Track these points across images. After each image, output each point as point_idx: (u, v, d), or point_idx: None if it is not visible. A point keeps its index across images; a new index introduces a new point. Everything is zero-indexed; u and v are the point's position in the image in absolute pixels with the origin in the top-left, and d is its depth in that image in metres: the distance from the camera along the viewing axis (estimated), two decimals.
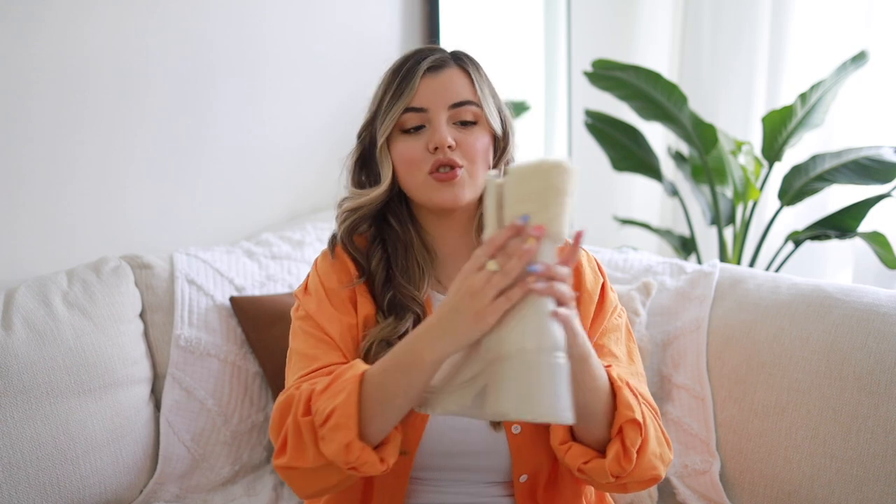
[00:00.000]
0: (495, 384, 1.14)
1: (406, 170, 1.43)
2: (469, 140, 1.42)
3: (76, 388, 1.77)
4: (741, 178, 2.61)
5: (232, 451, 1.99)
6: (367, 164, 1.49)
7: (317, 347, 1.39)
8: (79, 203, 2.10)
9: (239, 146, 2.40)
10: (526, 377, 1.11)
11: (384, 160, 1.44)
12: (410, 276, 1.45)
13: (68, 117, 2.05)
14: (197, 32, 2.27)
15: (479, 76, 1.47)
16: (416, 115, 1.42)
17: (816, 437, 1.75)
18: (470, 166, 1.42)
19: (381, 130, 1.44)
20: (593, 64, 2.66)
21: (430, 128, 1.42)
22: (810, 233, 2.46)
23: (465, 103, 1.43)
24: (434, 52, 1.46)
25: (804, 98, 2.43)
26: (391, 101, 1.43)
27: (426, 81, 1.43)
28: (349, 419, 1.20)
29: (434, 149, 1.40)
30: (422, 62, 1.43)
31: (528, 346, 1.12)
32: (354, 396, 1.21)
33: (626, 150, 2.79)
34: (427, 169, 1.41)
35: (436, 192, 1.41)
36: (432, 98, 1.42)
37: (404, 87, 1.42)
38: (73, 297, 1.86)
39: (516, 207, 1.15)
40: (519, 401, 1.10)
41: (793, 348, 1.81)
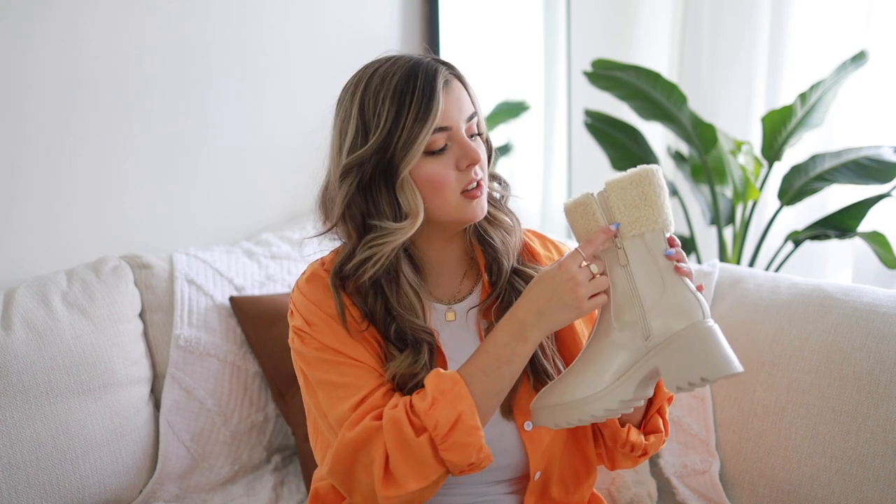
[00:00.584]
0: (673, 361, 1.29)
1: (435, 193, 1.35)
2: (482, 153, 1.38)
3: (76, 388, 1.77)
4: (741, 178, 2.61)
5: (231, 450, 1.99)
6: (371, 194, 1.36)
7: (350, 375, 1.35)
8: (78, 203, 2.10)
9: (238, 146, 2.40)
10: (708, 343, 1.27)
11: (408, 189, 1.34)
12: (409, 304, 1.39)
13: (68, 118, 2.05)
14: (196, 33, 2.27)
15: (469, 84, 1.41)
16: (443, 133, 1.34)
17: (816, 436, 1.75)
18: (485, 178, 1.40)
19: (408, 157, 1.31)
20: (593, 64, 2.66)
21: (455, 145, 1.35)
22: (810, 233, 2.46)
23: (474, 115, 1.38)
24: (433, 62, 1.37)
25: (804, 98, 2.43)
26: (417, 124, 1.31)
27: (445, 97, 1.33)
28: (475, 420, 1.28)
29: (467, 166, 1.35)
30: (436, 76, 1.33)
31: (696, 318, 1.29)
32: (471, 399, 1.28)
33: (625, 150, 2.78)
34: (459, 188, 1.35)
35: (467, 209, 1.36)
36: (453, 114, 1.34)
37: (431, 106, 1.31)
38: (72, 297, 1.86)
39: (628, 213, 1.31)
40: (708, 364, 1.26)
41: (792, 348, 1.81)
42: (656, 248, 1.32)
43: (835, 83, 2.44)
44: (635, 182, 1.31)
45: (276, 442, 2.08)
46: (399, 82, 1.33)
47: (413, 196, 1.34)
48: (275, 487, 1.97)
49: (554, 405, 1.32)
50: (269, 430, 2.06)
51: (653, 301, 1.31)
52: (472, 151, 1.34)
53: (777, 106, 2.59)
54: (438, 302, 1.47)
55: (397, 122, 1.31)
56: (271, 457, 2.07)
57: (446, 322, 1.46)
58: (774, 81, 2.90)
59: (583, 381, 1.32)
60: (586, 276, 1.31)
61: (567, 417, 1.31)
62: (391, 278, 1.39)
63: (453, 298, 1.48)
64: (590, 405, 1.30)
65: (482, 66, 3.05)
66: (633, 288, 1.32)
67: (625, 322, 1.32)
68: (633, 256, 1.32)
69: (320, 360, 1.37)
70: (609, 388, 1.30)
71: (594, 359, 1.33)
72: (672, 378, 1.28)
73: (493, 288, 1.45)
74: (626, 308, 1.32)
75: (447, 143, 1.34)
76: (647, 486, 1.91)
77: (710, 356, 1.27)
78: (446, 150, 1.35)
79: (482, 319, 1.46)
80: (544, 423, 1.33)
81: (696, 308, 1.30)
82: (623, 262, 1.33)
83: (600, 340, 1.34)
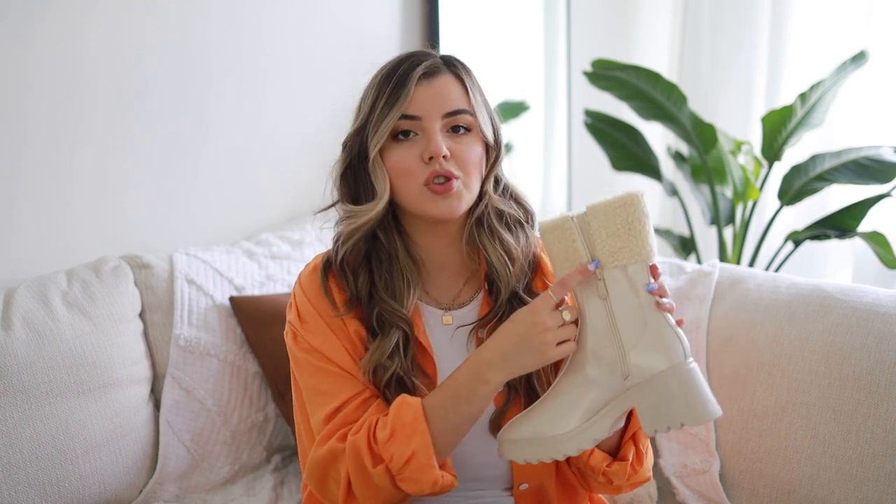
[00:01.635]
0: (652, 404, 1.25)
1: (400, 180, 1.38)
2: (463, 150, 1.38)
3: (75, 388, 1.77)
4: (741, 178, 2.61)
5: (231, 450, 1.99)
6: (357, 174, 1.43)
7: (330, 383, 1.38)
8: (78, 203, 2.10)
9: (238, 146, 2.40)
10: (690, 388, 1.24)
11: (378, 171, 1.39)
12: (394, 290, 1.41)
13: (68, 117, 2.05)
14: (196, 33, 2.27)
15: (472, 83, 1.42)
16: (409, 122, 1.37)
17: (816, 436, 1.75)
18: (465, 177, 1.38)
19: (375, 139, 1.38)
20: (593, 64, 2.66)
21: (424, 136, 1.37)
22: (810, 233, 2.46)
23: (460, 112, 1.38)
24: (427, 56, 1.41)
25: (804, 98, 2.43)
26: (385, 109, 1.37)
27: (420, 88, 1.37)
28: (429, 459, 1.29)
29: (429, 158, 1.36)
30: (416, 67, 1.38)
31: (678, 359, 1.25)
32: (427, 437, 1.29)
33: (625, 150, 2.78)
34: (422, 179, 1.36)
35: (431, 203, 1.37)
36: (427, 105, 1.37)
37: (399, 94, 1.36)
38: (72, 297, 1.86)
39: (610, 242, 1.26)
40: (689, 409, 1.23)
41: (792, 348, 1.81)
42: (639, 282, 1.26)
43: (835, 83, 2.44)
44: (619, 209, 1.25)
45: (276, 442, 2.08)
46: (385, 72, 1.41)
47: (382, 179, 1.39)
48: (275, 487, 1.97)
49: (522, 439, 1.28)
50: (269, 430, 2.06)
51: (633, 338, 1.26)
52: (432, 144, 1.36)
53: (777, 106, 2.59)
54: (436, 305, 1.47)
55: (374, 106, 1.39)
56: (271, 457, 2.07)
57: (443, 325, 1.46)
58: (774, 81, 2.90)
59: (552, 417, 1.28)
60: (556, 322, 1.27)
61: (537, 454, 1.28)
62: (382, 261, 1.42)
63: (452, 304, 1.47)
64: (562, 444, 1.26)
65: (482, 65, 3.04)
66: (613, 323, 1.27)
67: (602, 358, 1.27)
68: (613, 289, 1.27)
69: (307, 362, 1.41)
70: (582, 427, 1.26)
71: (565, 393, 1.28)
72: (650, 421, 1.25)
73: (494, 303, 1.44)
74: (604, 344, 1.27)
75: (415, 131, 1.37)
76: (646, 486, 1.91)
77: (691, 402, 1.23)
78: (415, 139, 1.38)
79: (481, 330, 1.45)
80: (512, 456, 1.30)
81: (677, 348, 1.25)
82: (602, 294, 1.27)
83: (573, 374, 1.29)
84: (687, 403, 1.23)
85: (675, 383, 1.23)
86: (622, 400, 1.26)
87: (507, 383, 1.40)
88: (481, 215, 1.44)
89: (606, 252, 1.26)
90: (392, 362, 1.38)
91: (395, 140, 1.38)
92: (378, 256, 1.42)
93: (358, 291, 1.41)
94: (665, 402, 1.23)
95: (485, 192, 1.43)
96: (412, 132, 1.38)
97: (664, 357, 1.25)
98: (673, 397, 1.23)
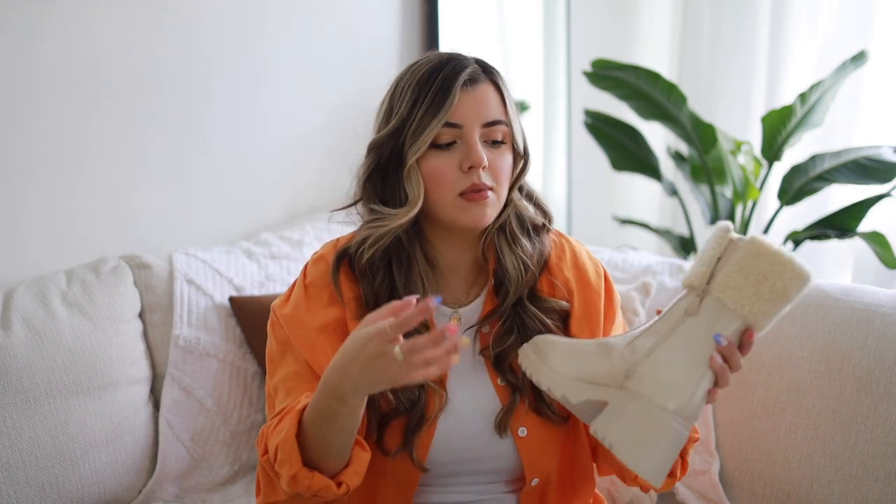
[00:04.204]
0: (618, 413, 1.19)
1: (435, 187, 1.36)
2: (498, 161, 1.37)
3: (75, 388, 1.78)
4: (740, 178, 2.61)
5: (231, 451, 1.99)
6: (386, 177, 1.39)
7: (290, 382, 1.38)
8: (78, 203, 2.10)
9: (238, 145, 2.40)
10: (650, 431, 1.17)
11: (414, 178, 1.36)
12: (413, 292, 1.40)
13: (69, 118, 2.05)
14: (196, 31, 2.27)
15: (507, 93, 1.41)
16: (451, 130, 1.35)
17: (816, 436, 1.75)
18: (497, 187, 1.37)
19: (415, 146, 1.34)
20: (593, 64, 2.66)
21: (464, 145, 1.35)
22: (810, 232, 2.47)
23: (498, 122, 1.37)
24: (467, 61, 1.39)
25: (804, 98, 2.43)
26: (427, 116, 1.34)
27: (464, 96, 1.35)
28: (290, 454, 1.25)
29: (468, 168, 1.34)
30: (459, 74, 1.35)
31: (670, 406, 1.17)
32: (293, 431, 1.26)
33: (625, 150, 2.79)
34: (459, 189, 1.35)
35: (464, 212, 1.36)
36: (468, 114, 1.35)
37: (443, 101, 1.33)
38: (71, 297, 1.86)
39: (733, 277, 1.17)
40: (631, 445, 1.17)
41: (792, 348, 1.82)
42: (722, 328, 1.18)
43: (834, 83, 2.44)
44: (774, 262, 1.16)
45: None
46: (424, 74, 1.36)
47: (417, 186, 1.36)
48: None
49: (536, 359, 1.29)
50: None
51: (666, 358, 1.19)
52: (474, 154, 1.34)
53: (777, 106, 2.59)
54: (445, 305, 1.47)
55: (412, 111, 1.35)
56: None
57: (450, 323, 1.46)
58: (774, 81, 2.90)
59: (565, 356, 1.26)
60: (393, 354, 1.16)
61: (533, 373, 1.28)
62: (402, 264, 1.41)
63: (458, 302, 1.48)
64: (552, 382, 1.25)
65: None
66: (669, 333, 1.21)
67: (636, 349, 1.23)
68: (701, 313, 1.19)
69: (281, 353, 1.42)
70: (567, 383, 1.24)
71: (591, 345, 1.27)
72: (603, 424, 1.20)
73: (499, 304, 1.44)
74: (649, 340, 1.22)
75: (456, 140, 1.35)
76: None
77: (650, 450, 1.16)
78: (454, 147, 1.35)
79: (485, 325, 1.45)
80: (521, 359, 1.31)
81: (681, 402, 1.17)
82: (692, 310, 1.20)
83: (616, 338, 1.27)
84: (645, 448, 1.16)
85: (653, 423, 1.17)
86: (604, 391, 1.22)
87: (509, 384, 1.41)
88: (504, 223, 1.43)
89: (725, 281, 1.17)
90: None
91: (433, 147, 1.36)
92: (399, 259, 1.41)
93: (376, 292, 1.40)
94: (631, 426, 1.18)
95: (510, 200, 1.43)
96: (454, 141, 1.36)
97: (667, 397, 1.18)
98: (640, 430, 1.17)
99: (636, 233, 3.13)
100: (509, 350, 1.41)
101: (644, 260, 2.17)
